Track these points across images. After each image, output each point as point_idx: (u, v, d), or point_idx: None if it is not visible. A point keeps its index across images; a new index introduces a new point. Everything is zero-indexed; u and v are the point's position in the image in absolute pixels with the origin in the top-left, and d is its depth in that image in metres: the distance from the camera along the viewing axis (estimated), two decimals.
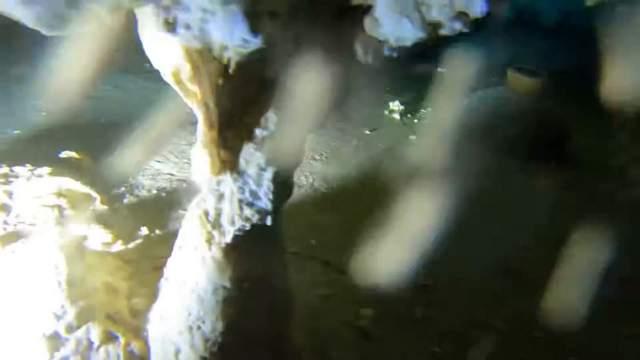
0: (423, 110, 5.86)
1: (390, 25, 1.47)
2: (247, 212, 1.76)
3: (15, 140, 3.83)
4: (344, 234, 3.44)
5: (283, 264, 2.11)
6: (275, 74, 1.58)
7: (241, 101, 1.57)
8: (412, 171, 4.20)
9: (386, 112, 5.79)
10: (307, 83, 1.66)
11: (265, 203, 1.74)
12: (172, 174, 3.83)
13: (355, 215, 3.66)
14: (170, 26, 1.36)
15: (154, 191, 3.54)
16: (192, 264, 1.91)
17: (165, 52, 1.68)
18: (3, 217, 2.68)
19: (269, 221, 1.78)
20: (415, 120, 5.79)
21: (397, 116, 5.81)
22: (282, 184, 1.73)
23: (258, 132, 1.63)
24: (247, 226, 1.78)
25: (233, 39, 1.36)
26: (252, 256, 1.91)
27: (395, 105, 5.87)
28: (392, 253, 3.44)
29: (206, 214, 1.83)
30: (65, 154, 3.42)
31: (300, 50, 1.59)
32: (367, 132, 5.37)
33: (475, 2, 1.35)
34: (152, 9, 1.34)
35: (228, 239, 1.82)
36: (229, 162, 1.65)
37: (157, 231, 2.95)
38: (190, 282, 1.91)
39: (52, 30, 1.36)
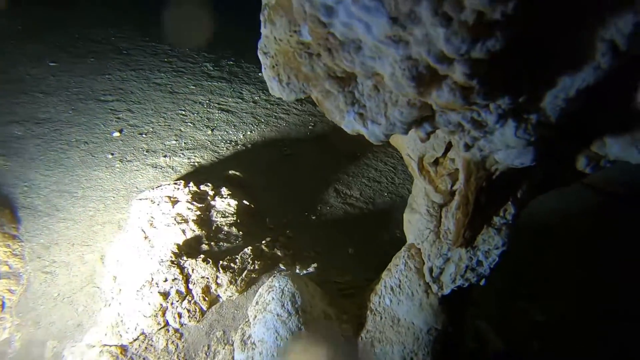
0: None
1: (617, 148, 1.85)
2: (469, 275, 2.19)
3: (189, 160, 4.35)
4: None
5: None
6: (517, 177, 1.99)
7: (491, 197, 1.98)
8: None
9: None
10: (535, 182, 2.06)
11: (486, 270, 2.16)
12: (344, 201, 4.29)
13: None
14: (468, 147, 1.78)
15: (316, 215, 4.01)
16: (408, 306, 2.37)
17: (415, 146, 2.12)
18: (207, 233, 3.20)
19: (484, 283, 2.21)
20: None
21: None
22: (503, 256, 2.14)
23: (497, 219, 2.05)
24: (466, 285, 2.22)
25: (513, 162, 1.76)
26: (458, 305, 2.35)
27: None
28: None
29: (430, 270, 2.27)
30: (231, 173, 3.93)
31: None
32: None
33: None
34: (458, 136, 1.76)
35: (446, 292, 2.26)
36: (468, 239, 2.07)
37: (324, 255, 3.43)
38: (406, 321, 2.37)
39: (377, 140, 1.81)
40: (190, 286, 2.87)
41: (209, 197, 3.50)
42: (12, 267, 3.04)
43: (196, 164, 4.28)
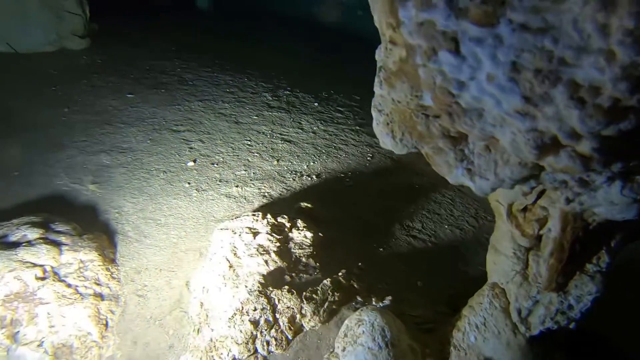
0: None
1: None
2: (559, 318, 2.29)
3: (259, 190, 4.61)
4: None
5: None
6: (613, 228, 2.10)
7: (586, 245, 2.10)
8: None
9: None
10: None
11: (577, 314, 2.26)
12: (415, 234, 4.46)
13: None
14: (569, 201, 1.91)
15: (382, 247, 4.18)
16: (494, 344, 2.48)
17: (507, 194, 2.26)
18: (287, 264, 3.40)
19: (574, 326, 2.30)
20: None
21: None
22: (596, 302, 2.24)
23: (591, 267, 2.15)
24: (554, 327, 2.32)
25: (615, 216, 1.88)
26: (547, 346, 2.45)
27: None
28: None
29: (519, 311, 2.38)
30: (303, 205, 4.14)
31: None
32: None
33: None
34: (561, 191, 1.90)
35: (534, 333, 2.37)
36: (561, 285, 2.18)
37: (394, 287, 3.57)
38: (493, 359, 2.47)
39: (483, 194, 1.96)
40: (277, 315, 3.06)
41: (286, 229, 3.71)
42: (112, 289, 3.31)
43: (266, 194, 4.52)
